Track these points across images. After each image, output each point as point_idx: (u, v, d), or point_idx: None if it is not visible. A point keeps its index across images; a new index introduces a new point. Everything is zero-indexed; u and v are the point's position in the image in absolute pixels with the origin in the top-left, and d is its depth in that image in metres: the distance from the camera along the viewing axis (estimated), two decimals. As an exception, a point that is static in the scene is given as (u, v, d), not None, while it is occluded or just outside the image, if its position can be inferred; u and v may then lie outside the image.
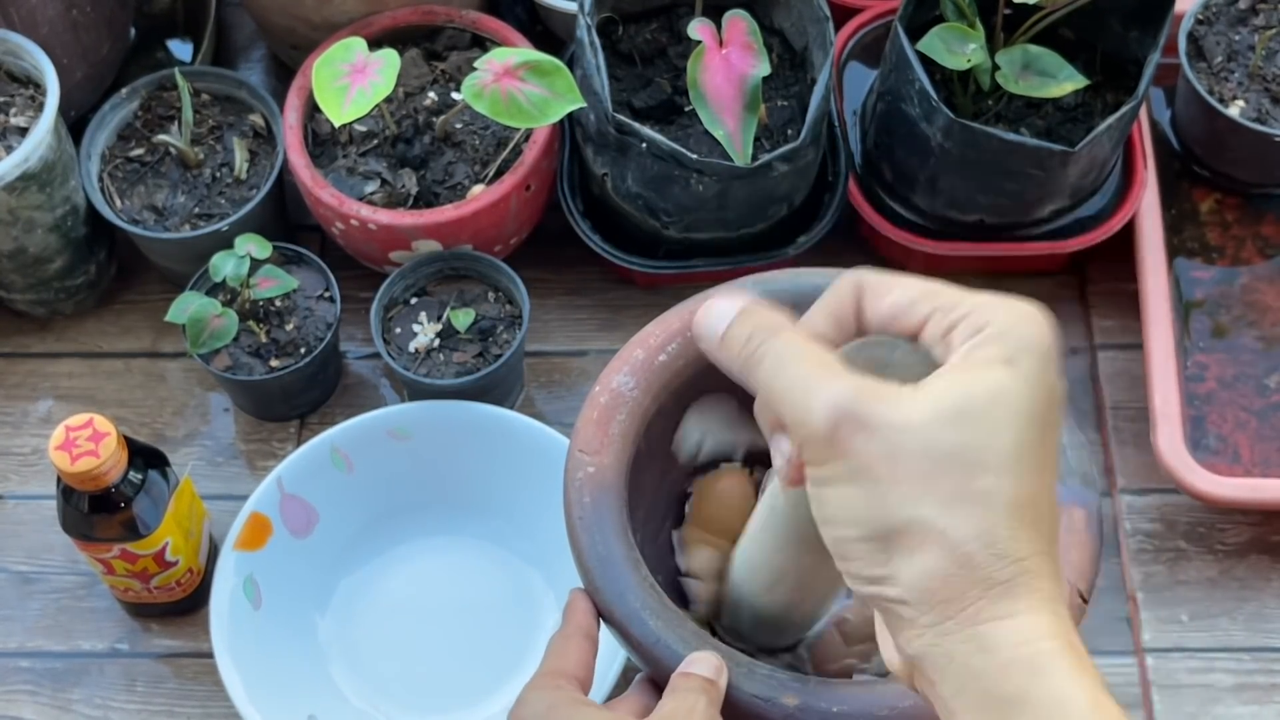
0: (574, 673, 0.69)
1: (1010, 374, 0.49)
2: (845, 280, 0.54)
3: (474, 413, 0.96)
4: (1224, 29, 1.07)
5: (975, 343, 0.50)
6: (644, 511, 0.82)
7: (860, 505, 0.50)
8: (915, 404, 0.49)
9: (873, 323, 0.54)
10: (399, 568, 0.98)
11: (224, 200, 1.03)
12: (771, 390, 0.52)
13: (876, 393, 0.50)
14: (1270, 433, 1.01)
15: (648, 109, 1.02)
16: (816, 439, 0.50)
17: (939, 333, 0.52)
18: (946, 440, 0.49)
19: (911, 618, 0.50)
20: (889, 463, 0.49)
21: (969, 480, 0.49)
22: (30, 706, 0.95)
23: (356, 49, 0.95)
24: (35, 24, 1.01)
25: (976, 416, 0.49)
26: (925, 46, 0.95)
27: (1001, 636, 0.49)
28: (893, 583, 0.50)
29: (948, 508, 0.49)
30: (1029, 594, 0.49)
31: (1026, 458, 0.49)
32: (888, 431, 0.49)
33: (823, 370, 0.51)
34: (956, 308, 0.51)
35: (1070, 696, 0.48)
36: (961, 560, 0.49)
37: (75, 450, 0.82)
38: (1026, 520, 0.49)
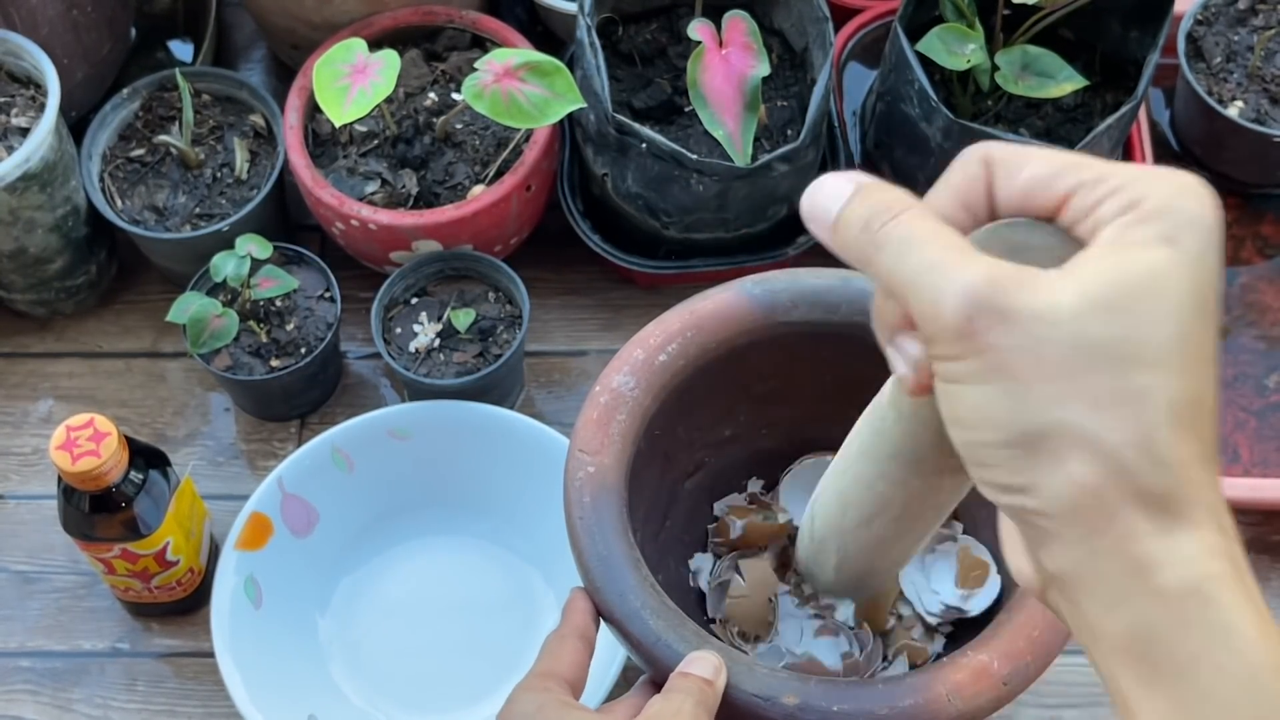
0: (565, 674, 0.69)
1: (1171, 254, 0.43)
2: (971, 155, 0.48)
3: (474, 413, 0.96)
4: (1223, 29, 1.07)
5: (1130, 219, 0.44)
6: (644, 511, 0.82)
7: (999, 406, 0.44)
8: (1063, 291, 0.43)
9: (1007, 202, 0.47)
10: (399, 567, 0.98)
11: (224, 200, 1.03)
12: (896, 278, 0.46)
13: (1018, 278, 0.43)
14: (1270, 433, 1.01)
15: (648, 109, 1.02)
16: (949, 331, 0.44)
17: (1086, 209, 0.45)
18: (1099, 332, 0.42)
19: (1057, 531, 0.44)
20: (1033, 358, 0.43)
21: (1124, 377, 0.43)
22: (31, 706, 0.95)
23: (357, 49, 0.95)
24: (36, 24, 1.01)
25: (1133, 304, 0.43)
26: (925, 47, 0.95)
27: (1161, 556, 0.43)
28: (1036, 493, 0.44)
29: (1100, 409, 0.43)
30: (1190, 507, 0.43)
31: (1189, 350, 0.43)
32: (1031, 323, 0.43)
33: (956, 254, 0.44)
34: (1106, 180, 0.45)
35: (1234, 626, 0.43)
36: (1115, 469, 0.43)
37: (76, 450, 0.82)
38: (1187, 421, 0.43)
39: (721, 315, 0.79)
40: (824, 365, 0.83)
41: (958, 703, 0.68)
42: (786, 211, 1.02)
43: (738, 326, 0.79)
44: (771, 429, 0.90)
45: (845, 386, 0.82)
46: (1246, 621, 0.43)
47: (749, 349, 0.80)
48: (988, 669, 0.69)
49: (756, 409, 0.88)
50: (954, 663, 0.69)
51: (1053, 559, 0.45)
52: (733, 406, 0.87)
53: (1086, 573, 0.44)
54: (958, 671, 0.69)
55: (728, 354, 0.80)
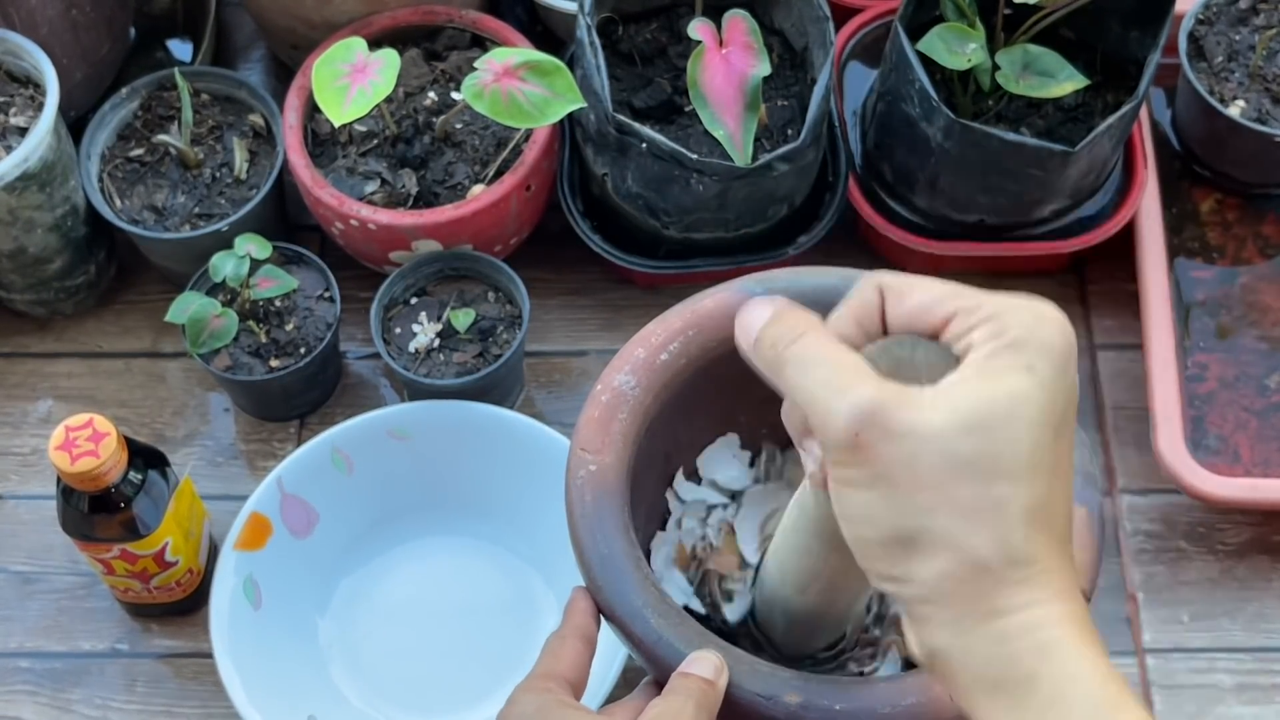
0: (566, 675, 0.69)
1: (1028, 380, 0.50)
2: (867, 283, 0.55)
3: (474, 413, 0.96)
4: (1224, 29, 1.07)
5: (995, 347, 0.51)
6: (645, 510, 0.82)
7: (880, 509, 0.51)
8: (936, 411, 0.50)
9: (896, 323, 0.55)
10: (399, 568, 0.98)
11: (224, 200, 1.03)
12: (797, 393, 0.53)
13: (899, 398, 0.50)
14: (1271, 433, 1.01)
15: (648, 109, 1.02)
16: (840, 443, 0.51)
17: (960, 333, 0.52)
18: (964, 448, 0.50)
19: (929, 615, 0.52)
20: (909, 469, 0.50)
21: (986, 488, 0.50)
22: (30, 706, 0.95)
23: (356, 49, 0.95)
24: (35, 24, 1.01)
25: (994, 425, 0.50)
26: (925, 46, 0.95)
27: (1014, 627, 0.51)
28: (910, 582, 0.52)
29: (964, 517, 0.50)
30: (1043, 588, 0.51)
31: (1043, 463, 0.51)
32: (908, 439, 0.50)
33: (847, 374, 0.52)
34: (978, 310, 0.52)
35: (1078, 674, 0.50)
36: (977, 567, 0.50)
37: (75, 450, 0.82)
38: (1041, 523, 0.51)
39: (723, 314, 0.79)
40: (825, 365, 0.83)
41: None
42: (786, 212, 1.02)
43: (739, 326, 0.79)
44: (772, 429, 0.90)
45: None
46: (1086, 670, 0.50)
47: (750, 348, 0.80)
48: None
49: (757, 409, 0.87)
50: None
51: (929, 639, 0.53)
52: (734, 407, 0.87)
53: (956, 648, 0.52)
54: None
55: (729, 353, 0.79)
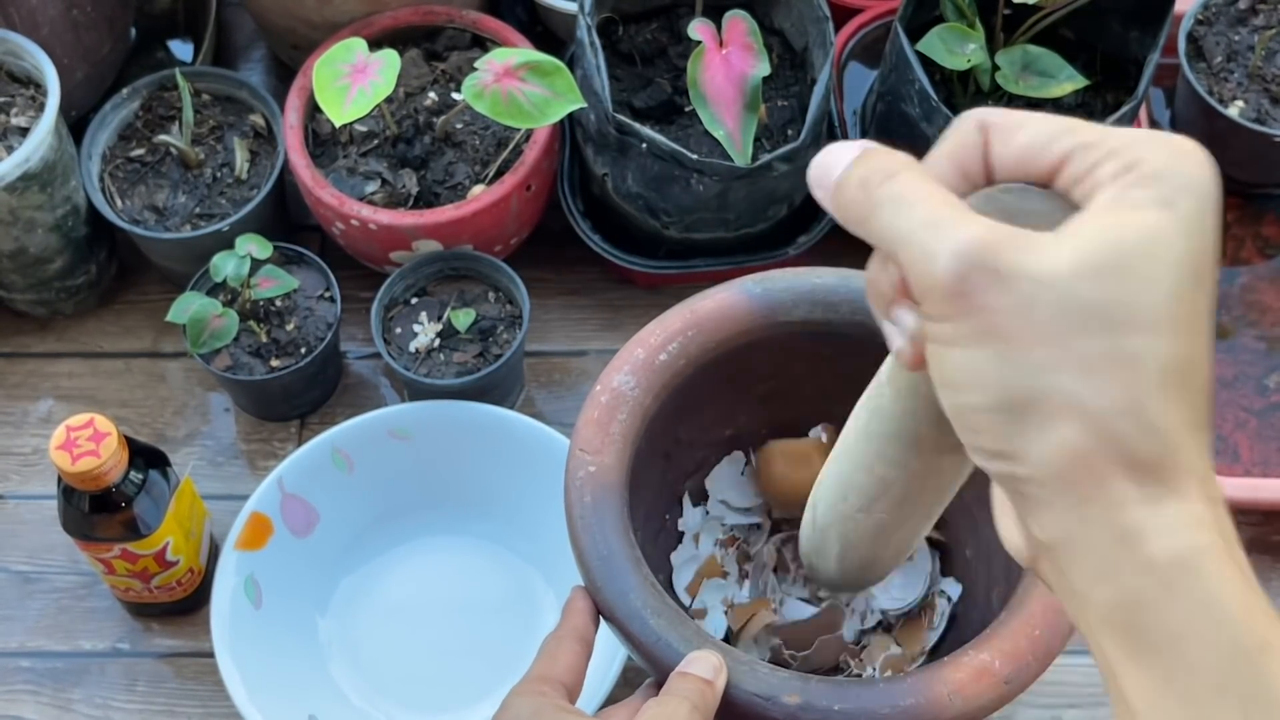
0: (561, 678, 0.69)
1: (1167, 218, 0.42)
2: (967, 120, 0.47)
3: (474, 413, 0.96)
4: (1224, 29, 1.07)
5: (1127, 182, 0.43)
6: (645, 510, 0.82)
7: (989, 369, 0.43)
8: (1057, 252, 0.42)
9: (1003, 166, 0.47)
10: (399, 568, 0.98)
11: (224, 200, 1.03)
12: (891, 236, 0.45)
13: (1012, 239, 0.43)
14: (1270, 433, 1.01)
15: (648, 109, 1.02)
16: (942, 290, 0.43)
17: (1082, 172, 0.44)
18: (1092, 294, 0.42)
19: (1045, 499, 0.44)
20: (1025, 320, 0.42)
21: (1117, 341, 0.42)
22: (31, 706, 0.95)
23: (357, 49, 0.95)
24: (36, 24, 1.01)
25: (1128, 267, 0.42)
26: (925, 47, 0.95)
27: (1148, 525, 0.43)
28: (1024, 459, 0.44)
29: (1090, 373, 0.42)
30: (1179, 475, 0.43)
31: (1182, 314, 0.43)
32: (1024, 284, 0.42)
33: (950, 213, 0.44)
34: (1102, 143, 0.44)
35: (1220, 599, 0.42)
36: (1105, 435, 0.42)
37: (76, 450, 0.82)
38: (1178, 387, 0.43)
39: (722, 314, 0.79)
40: (824, 364, 0.83)
41: (959, 702, 0.68)
42: (787, 211, 1.02)
43: (738, 326, 0.79)
44: (772, 429, 0.90)
45: (846, 386, 0.83)
46: (1233, 596, 0.42)
47: (749, 348, 0.80)
48: (989, 668, 0.69)
49: (757, 408, 0.88)
50: (955, 662, 0.69)
51: (1041, 527, 0.45)
52: (733, 406, 0.87)
53: (1074, 541, 0.44)
54: (959, 671, 0.69)
55: (728, 353, 0.80)
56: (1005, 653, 0.69)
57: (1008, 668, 0.69)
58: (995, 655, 0.69)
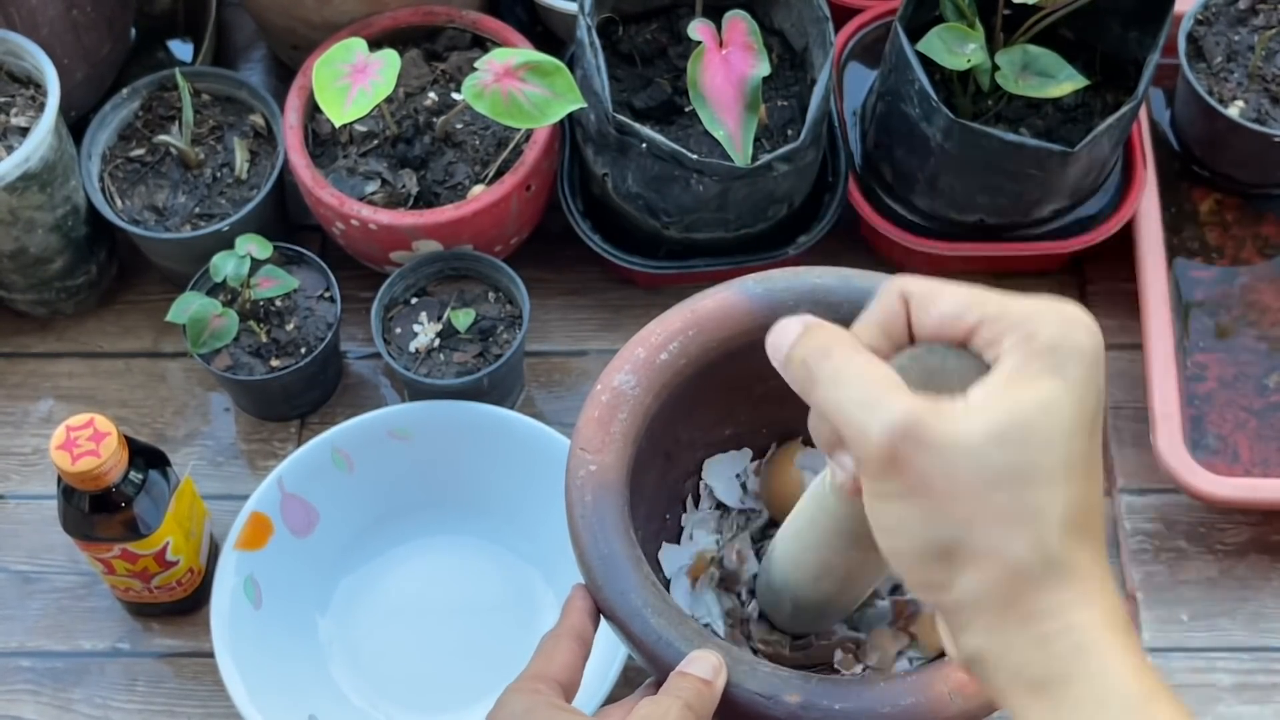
0: (558, 676, 0.69)
1: (1059, 385, 0.51)
2: (890, 291, 0.55)
3: (474, 413, 0.96)
4: (1224, 29, 1.07)
5: (1025, 354, 0.51)
6: (645, 510, 0.82)
7: (917, 521, 0.52)
8: (970, 423, 0.50)
9: (923, 332, 0.55)
10: (400, 567, 0.98)
11: (224, 200, 1.03)
12: (830, 410, 0.53)
13: (933, 411, 0.51)
14: (1270, 433, 1.01)
15: (648, 109, 1.02)
16: (875, 459, 0.51)
17: (989, 341, 0.52)
18: (1000, 458, 0.50)
19: (968, 620, 0.52)
20: (946, 481, 0.50)
21: (1022, 496, 0.50)
22: (31, 706, 0.95)
23: (357, 49, 0.95)
24: (36, 24, 1.01)
25: (1028, 433, 0.50)
26: (925, 47, 0.95)
27: (1052, 630, 0.51)
28: (950, 589, 0.52)
29: (1002, 526, 0.50)
30: (1080, 591, 0.51)
31: (1077, 466, 0.51)
32: (945, 451, 0.50)
33: (879, 389, 0.52)
34: (1005, 316, 0.52)
35: (1113, 670, 0.51)
36: (1016, 572, 0.51)
37: (76, 450, 0.82)
38: (1077, 527, 0.51)
39: (723, 314, 0.79)
40: (825, 365, 0.83)
41: (959, 701, 0.68)
42: (786, 212, 1.02)
43: (739, 325, 0.79)
44: (772, 429, 0.90)
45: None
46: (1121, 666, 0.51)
47: (750, 348, 0.80)
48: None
49: (757, 408, 0.88)
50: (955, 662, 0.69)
51: (968, 641, 0.53)
52: (734, 406, 0.87)
53: (995, 650, 0.52)
54: (960, 670, 0.69)
55: (729, 353, 0.80)
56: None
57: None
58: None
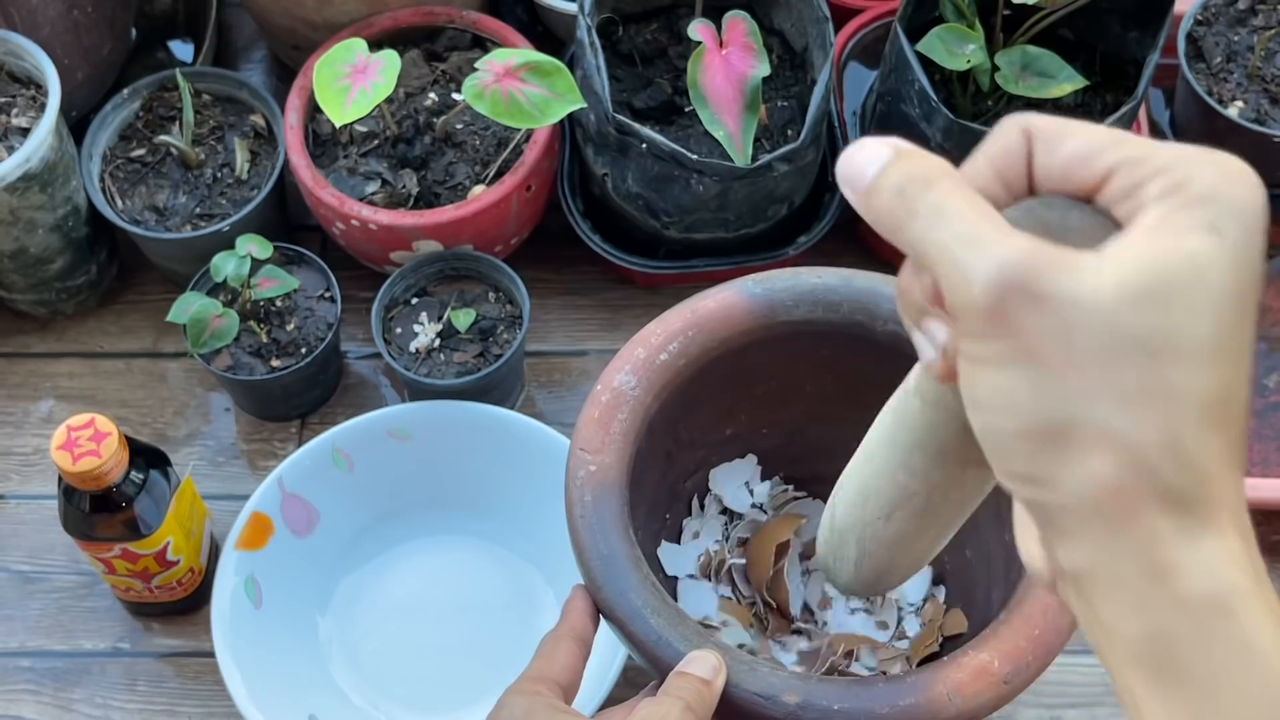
0: (557, 677, 0.69)
1: (1214, 244, 0.41)
2: (1011, 125, 0.45)
3: (474, 413, 0.96)
4: (1223, 30, 1.08)
5: (1174, 204, 0.42)
6: (645, 510, 0.82)
7: (1024, 393, 0.42)
8: (1099, 277, 0.41)
9: (1046, 177, 0.45)
10: (400, 567, 0.98)
11: (225, 200, 1.03)
12: (928, 249, 0.43)
13: (1054, 260, 0.41)
14: (1270, 433, 1.01)
15: (648, 109, 1.02)
16: (978, 309, 0.42)
17: (1128, 188, 0.43)
18: (1135, 322, 0.41)
19: (1074, 528, 0.43)
20: (1064, 346, 0.41)
21: (1157, 371, 0.41)
22: (32, 706, 0.95)
23: (357, 50, 0.95)
24: (37, 25, 1.01)
25: (1172, 295, 0.41)
26: (925, 47, 0.95)
27: (1184, 562, 0.42)
28: (1054, 486, 0.42)
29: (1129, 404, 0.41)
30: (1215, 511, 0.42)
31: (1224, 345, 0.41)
32: (1065, 308, 0.41)
33: (990, 228, 0.42)
34: (1150, 159, 0.43)
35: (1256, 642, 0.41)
36: (1140, 468, 0.41)
37: (77, 450, 0.82)
38: (1217, 420, 0.42)
39: (723, 314, 0.79)
40: (825, 364, 0.83)
41: (958, 701, 0.68)
42: (786, 211, 1.02)
43: (739, 325, 0.79)
44: (772, 428, 0.90)
45: (846, 386, 0.83)
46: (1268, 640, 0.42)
47: (750, 348, 0.80)
48: (988, 668, 0.69)
49: (757, 408, 0.88)
50: (955, 662, 0.69)
51: (1069, 555, 0.43)
52: (734, 406, 0.87)
53: (1104, 572, 0.43)
54: (958, 670, 0.69)
55: (729, 353, 0.80)
56: (1004, 652, 0.69)
57: (1007, 667, 0.69)
58: (994, 655, 0.69)
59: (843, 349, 0.80)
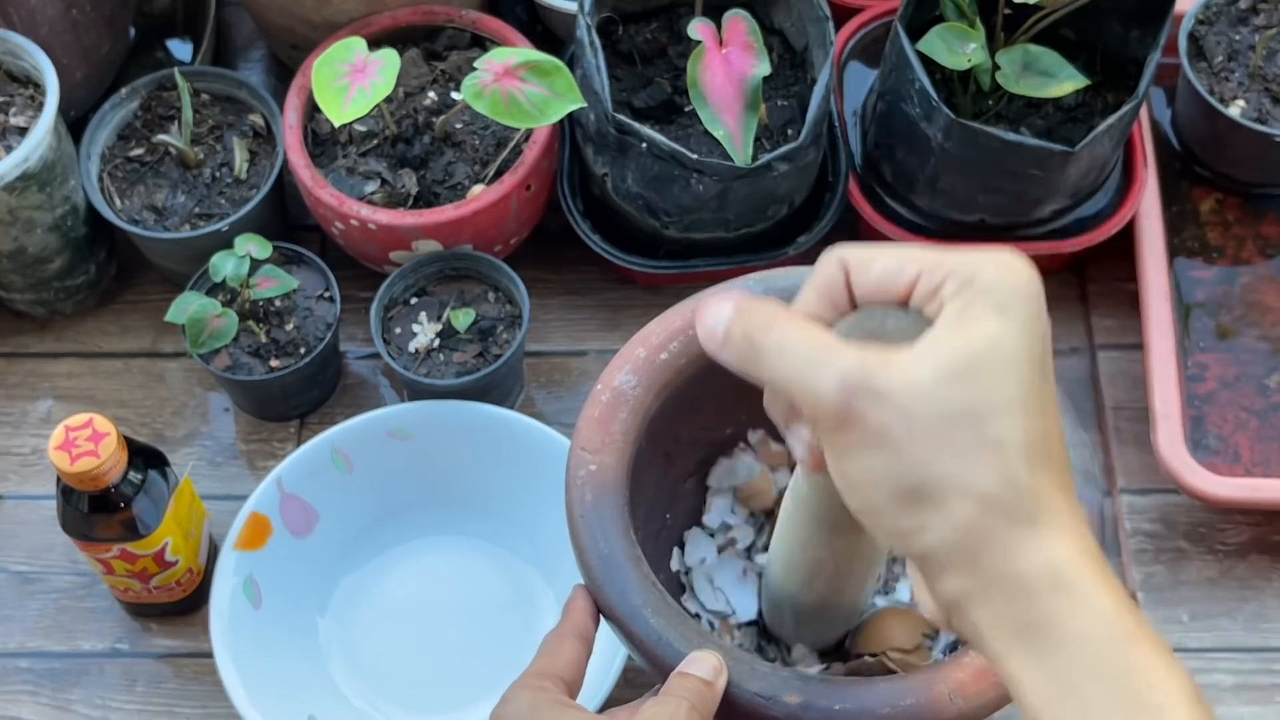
0: (561, 674, 0.69)
1: (1004, 323, 0.51)
2: (829, 259, 0.56)
3: (474, 413, 0.96)
4: (1224, 29, 1.07)
5: (966, 298, 0.51)
6: (645, 509, 0.82)
7: (882, 469, 0.51)
8: (920, 366, 0.50)
9: (863, 294, 0.55)
10: (399, 568, 0.98)
11: (224, 200, 1.03)
12: (779, 378, 0.53)
13: (882, 361, 0.51)
14: (1271, 433, 1.01)
15: (648, 109, 1.02)
16: (830, 414, 0.51)
17: (929, 292, 0.53)
18: (955, 395, 0.50)
19: (946, 563, 0.52)
20: (904, 425, 0.50)
21: (982, 429, 0.50)
22: (30, 706, 0.95)
23: (356, 49, 0.95)
24: (35, 24, 1.01)
25: (979, 369, 0.50)
26: (925, 46, 0.95)
27: (1029, 566, 0.51)
28: (923, 534, 0.52)
29: (966, 460, 0.50)
30: (1050, 522, 0.51)
31: (1031, 399, 0.51)
32: (898, 396, 0.50)
33: (824, 349, 0.52)
34: (942, 264, 0.52)
35: (1093, 608, 0.51)
36: (987, 505, 0.51)
37: (75, 450, 0.82)
38: (1040, 455, 0.51)
39: (723, 314, 0.79)
40: (825, 364, 0.83)
41: (959, 702, 0.68)
42: (787, 211, 1.02)
43: (739, 325, 0.79)
44: (772, 428, 0.90)
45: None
46: (1102, 598, 0.51)
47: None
48: (989, 669, 0.68)
49: (757, 408, 0.88)
50: (956, 662, 0.69)
51: (947, 586, 0.52)
52: (734, 405, 0.87)
53: (974, 593, 0.52)
54: (959, 671, 0.69)
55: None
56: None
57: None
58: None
59: (843, 348, 0.80)
